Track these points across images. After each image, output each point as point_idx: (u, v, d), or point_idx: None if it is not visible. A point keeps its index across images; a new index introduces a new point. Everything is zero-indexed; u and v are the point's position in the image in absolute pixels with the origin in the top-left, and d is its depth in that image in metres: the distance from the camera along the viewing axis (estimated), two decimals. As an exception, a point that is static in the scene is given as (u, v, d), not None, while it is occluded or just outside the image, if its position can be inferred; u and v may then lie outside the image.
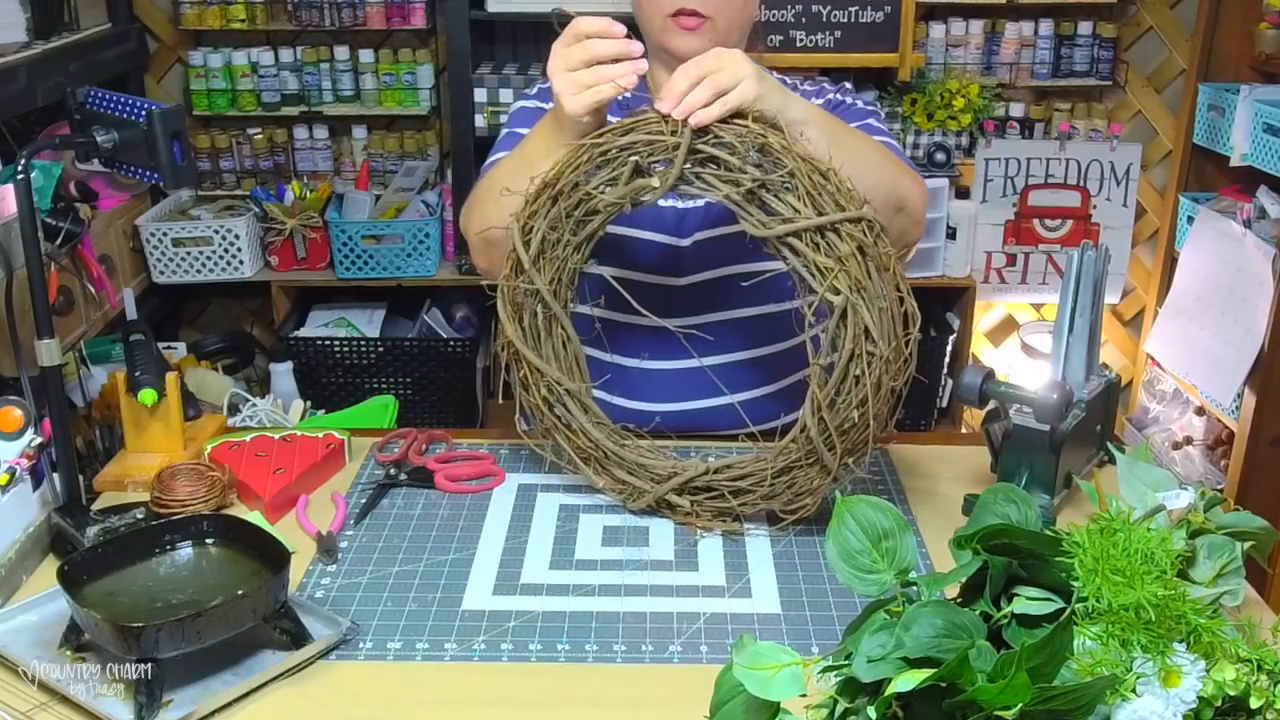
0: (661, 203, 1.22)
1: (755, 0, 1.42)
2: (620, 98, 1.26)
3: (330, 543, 1.23)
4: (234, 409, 2.31)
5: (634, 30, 1.46)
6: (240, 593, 1.02)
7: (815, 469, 1.23)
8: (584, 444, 1.29)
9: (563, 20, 1.23)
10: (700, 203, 1.42)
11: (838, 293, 1.14)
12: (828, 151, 1.16)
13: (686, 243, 1.42)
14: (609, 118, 1.28)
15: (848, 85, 1.54)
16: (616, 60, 1.18)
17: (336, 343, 2.82)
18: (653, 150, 1.17)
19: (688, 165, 1.16)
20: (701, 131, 1.15)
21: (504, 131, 1.51)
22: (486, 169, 1.46)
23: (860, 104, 1.48)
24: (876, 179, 1.23)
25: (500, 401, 2.89)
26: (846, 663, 0.79)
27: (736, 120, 1.16)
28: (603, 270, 1.40)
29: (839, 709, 0.79)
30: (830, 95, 1.49)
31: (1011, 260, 3.06)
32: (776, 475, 1.24)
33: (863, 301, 1.14)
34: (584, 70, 1.17)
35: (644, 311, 1.30)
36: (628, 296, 1.29)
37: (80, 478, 1.26)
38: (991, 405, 1.31)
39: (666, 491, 1.27)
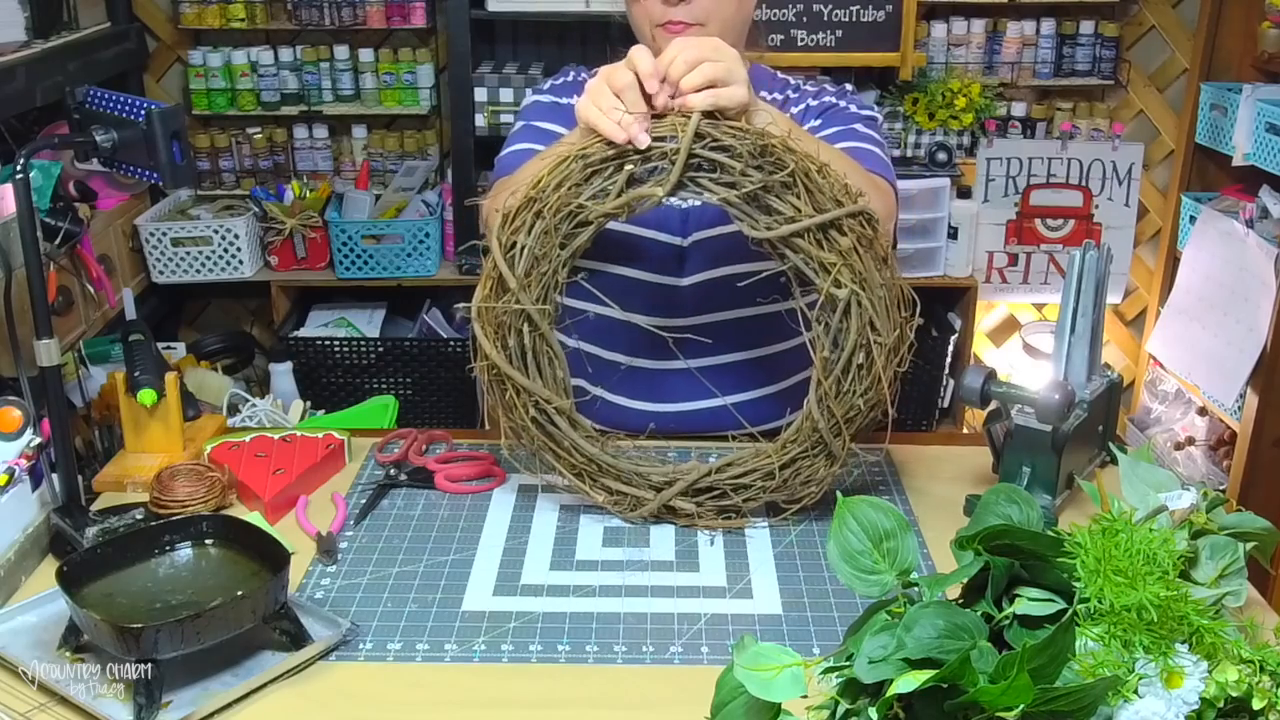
0: (666, 202, 1.21)
1: (749, 3, 1.42)
2: None
3: (330, 543, 1.23)
4: (233, 409, 2.31)
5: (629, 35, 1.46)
6: (240, 594, 1.02)
7: (821, 459, 1.23)
8: (577, 460, 1.27)
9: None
10: (700, 201, 1.41)
11: (840, 286, 1.14)
12: None
13: (686, 242, 1.42)
14: None
15: (849, 87, 1.53)
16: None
17: (336, 343, 2.82)
18: (646, 156, 1.15)
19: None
20: (698, 136, 1.14)
21: (519, 124, 1.50)
22: (505, 160, 1.46)
23: (854, 108, 1.48)
24: None
25: (485, 426, 2.89)
26: (848, 664, 0.79)
27: (730, 123, 1.16)
28: (606, 268, 1.39)
29: (840, 710, 0.79)
30: (827, 98, 1.48)
31: (1013, 260, 3.06)
32: (782, 468, 1.24)
33: (866, 294, 1.14)
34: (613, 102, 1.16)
35: (622, 313, 1.29)
36: (604, 305, 1.27)
37: (79, 478, 1.25)
38: (993, 405, 1.31)
39: (671, 498, 1.26)
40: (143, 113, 1.24)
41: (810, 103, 1.48)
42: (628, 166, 1.15)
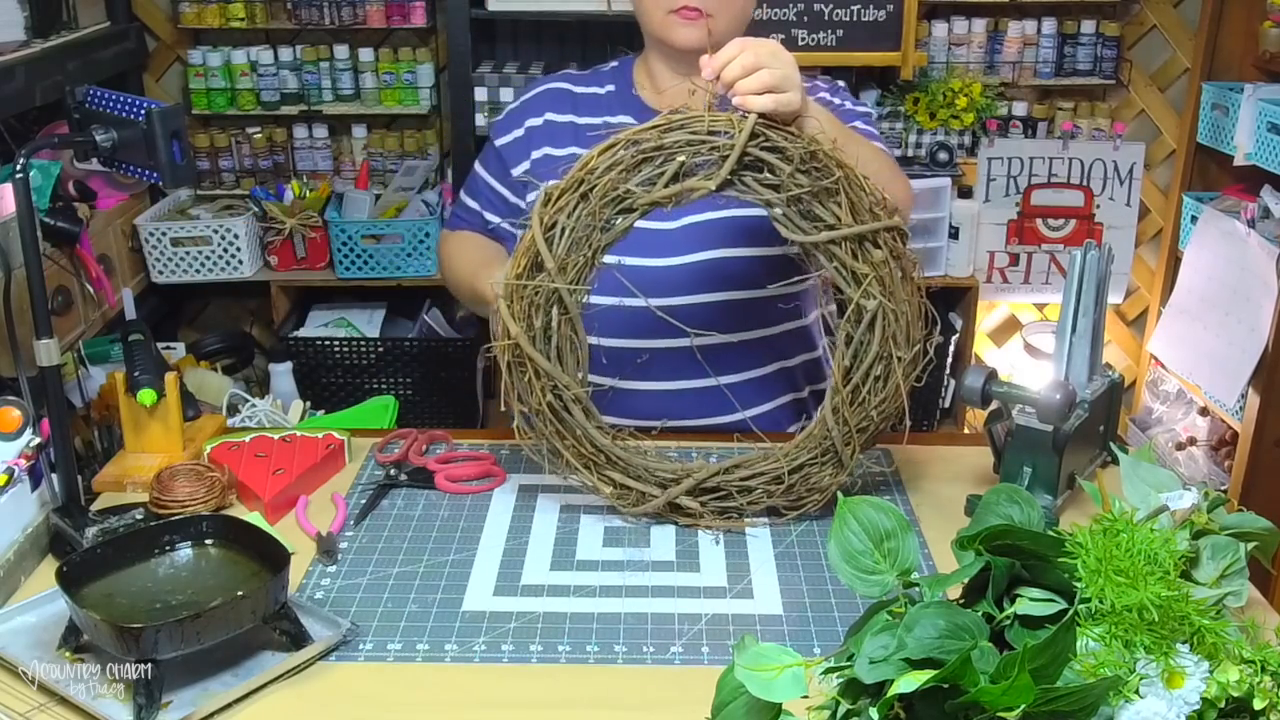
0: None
1: (753, 0, 1.44)
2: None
3: (330, 543, 1.23)
4: (233, 409, 2.30)
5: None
6: (240, 594, 1.02)
7: (829, 467, 1.24)
8: (587, 450, 1.27)
9: None
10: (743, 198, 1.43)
11: (870, 297, 1.15)
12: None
13: (674, 226, 1.43)
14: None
15: (841, 85, 1.55)
16: None
17: (336, 343, 2.82)
18: (698, 151, 1.17)
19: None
20: (751, 135, 1.15)
21: (477, 167, 1.61)
22: (457, 209, 1.61)
23: (849, 105, 1.50)
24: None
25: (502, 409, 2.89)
26: (849, 664, 0.79)
27: (784, 127, 1.17)
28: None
29: (841, 710, 0.78)
30: (821, 94, 1.50)
31: (1014, 260, 3.05)
32: (791, 473, 1.24)
33: (892, 306, 1.16)
34: None
35: (654, 310, 1.30)
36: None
37: (79, 478, 1.25)
38: (994, 405, 1.30)
39: (678, 495, 1.26)
40: (142, 112, 1.23)
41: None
42: (679, 158, 1.16)
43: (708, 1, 1.37)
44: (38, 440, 1.22)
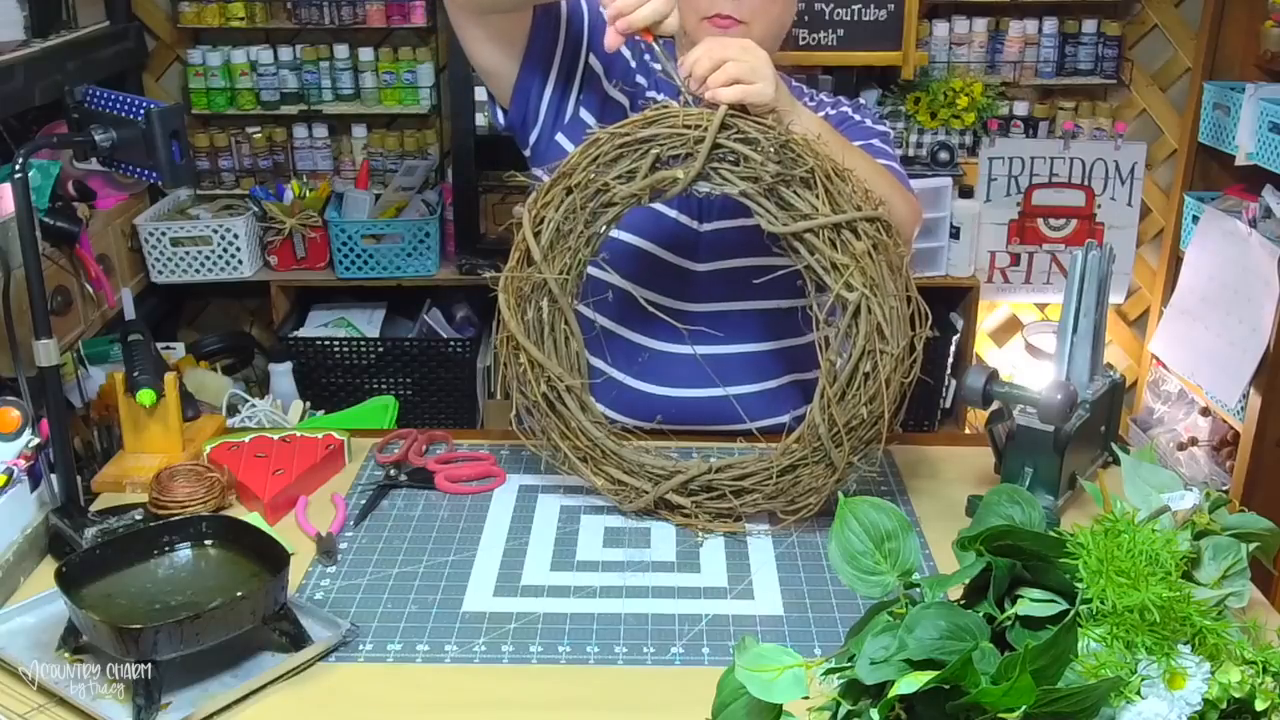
0: (692, 190, 1.24)
1: (791, 9, 1.43)
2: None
3: (330, 544, 1.22)
4: (233, 410, 2.30)
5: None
6: (239, 594, 1.02)
7: (821, 467, 1.23)
8: (582, 443, 1.28)
9: None
10: (720, 193, 1.43)
11: (852, 289, 1.15)
12: None
13: (705, 228, 1.43)
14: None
15: (862, 101, 1.56)
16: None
17: (336, 343, 2.82)
18: (674, 144, 1.18)
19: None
20: (724, 127, 1.16)
21: None
22: None
23: (868, 122, 1.50)
24: None
25: (500, 399, 2.89)
26: (849, 665, 0.78)
27: (758, 118, 1.18)
28: (623, 236, 1.40)
29: (842, 711, 0.78)
30: (844, 108, 1.51)
31: (1015, 260, 3.05)
32: (781, 474, 1.24)
33: (876, 299, 1.15)
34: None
35: (645, 303, 1.30)
36: (631, 287, 1.28)
37: (78, 479, 1.25)
38: (995, 406, 1.30)
39: (666, 491, 1.26)
40: (142, 112, 1.23)
41: (829, 111, 1.50)
42: (654, 151, 1.18)
43: (742, 9, 1.36)
44: (37, 440, 1.22)
